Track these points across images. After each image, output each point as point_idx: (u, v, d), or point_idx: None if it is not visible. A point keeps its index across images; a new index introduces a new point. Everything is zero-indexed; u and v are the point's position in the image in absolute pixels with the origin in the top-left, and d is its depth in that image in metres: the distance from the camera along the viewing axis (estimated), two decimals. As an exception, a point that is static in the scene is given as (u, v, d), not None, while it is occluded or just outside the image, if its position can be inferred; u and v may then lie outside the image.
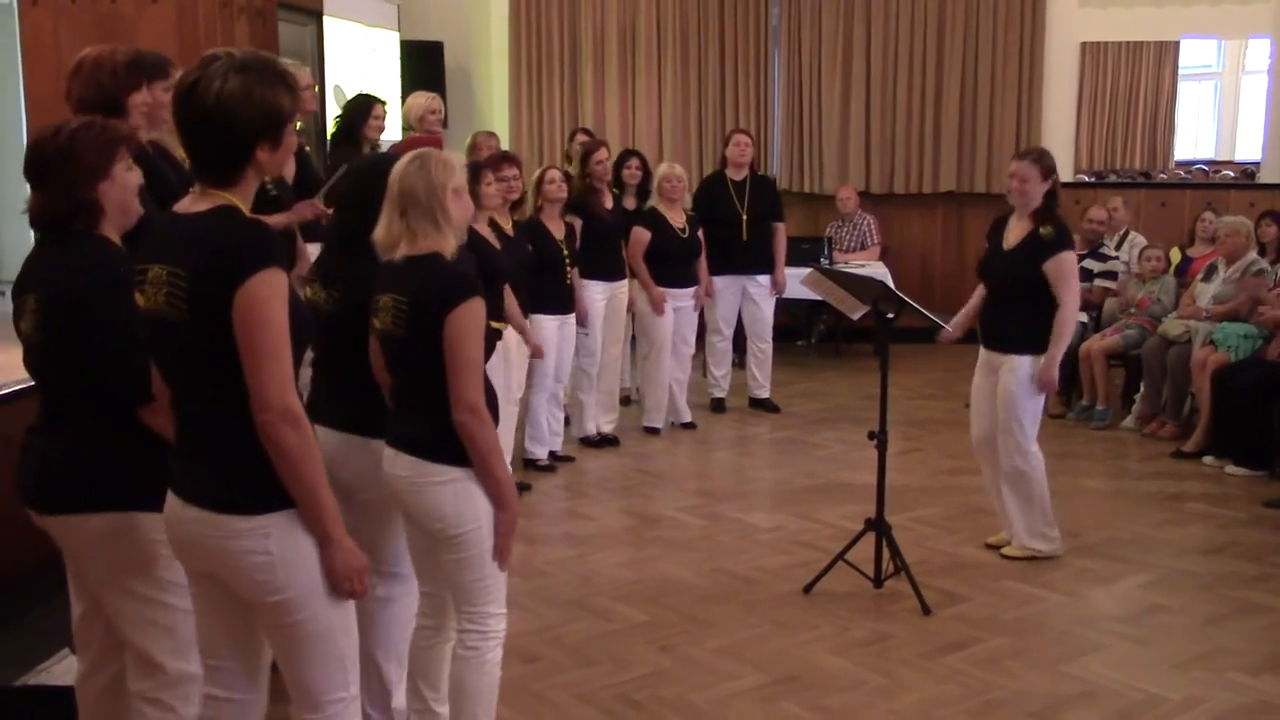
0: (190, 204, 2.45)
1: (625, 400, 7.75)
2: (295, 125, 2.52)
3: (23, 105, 7.09)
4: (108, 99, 3.57)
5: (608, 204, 7.11)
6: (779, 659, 4.22)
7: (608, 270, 6.98)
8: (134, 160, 2.92)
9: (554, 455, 6.70)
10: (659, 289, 7.25)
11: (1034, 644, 4.37)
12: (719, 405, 7.93)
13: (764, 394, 7.97)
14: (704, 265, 7.54)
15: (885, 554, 4.82)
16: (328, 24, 8.53)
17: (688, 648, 4.31)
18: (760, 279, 7.77)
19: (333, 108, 7.83)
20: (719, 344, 7.90)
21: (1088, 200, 8.81)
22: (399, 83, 9.48)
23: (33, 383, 2.97)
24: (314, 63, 8.24)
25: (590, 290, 6.85)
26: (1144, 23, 9.97)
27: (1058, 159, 5.21)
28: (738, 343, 8.12)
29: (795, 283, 6.81)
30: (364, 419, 3.22)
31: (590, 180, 6.97)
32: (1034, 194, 4.99)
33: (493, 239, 5.49)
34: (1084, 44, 10.09)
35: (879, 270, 8.56)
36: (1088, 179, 10.15)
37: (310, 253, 4.82)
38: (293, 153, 2.61)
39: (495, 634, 3.14)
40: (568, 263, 6.46)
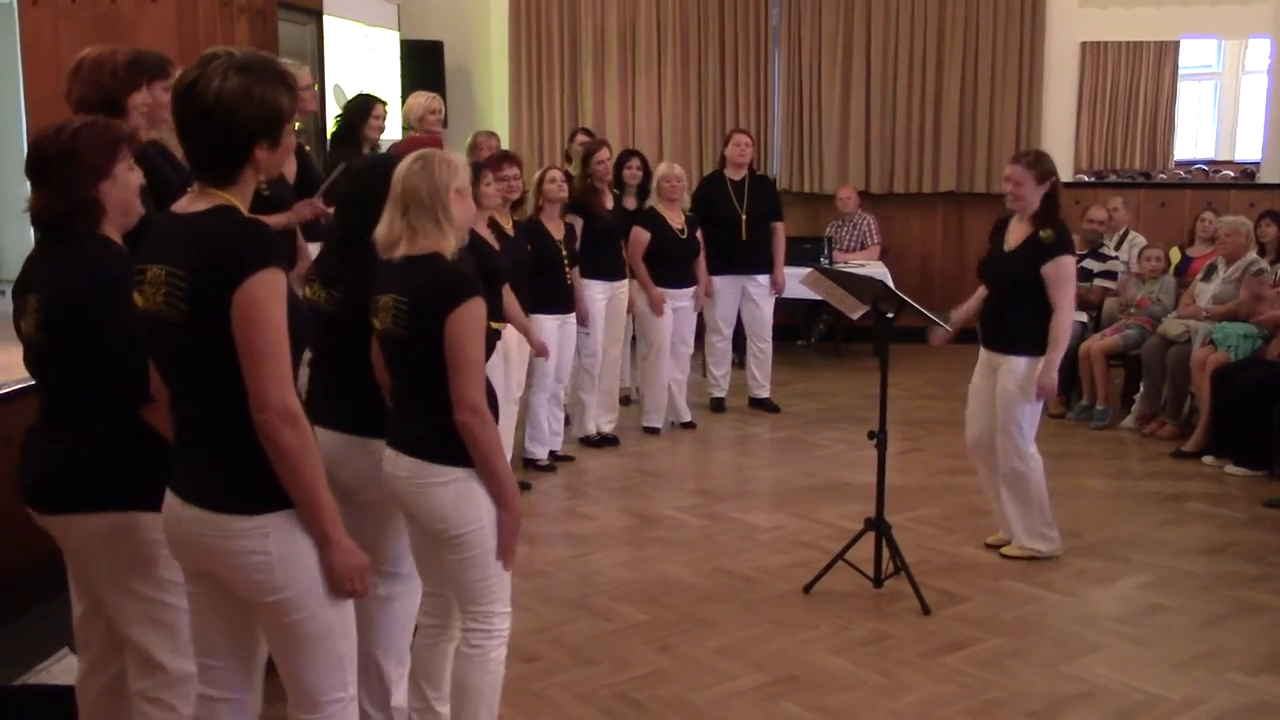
0: (189, 204, 2.45)
1: (625, 400, 7.75)
2: (294, 125, 2.52)
3: (23, 105, 7.09)
4: (108, 99, 3.58)
5: (608, 204, 7.11)
6: (779, 659, 4.23)
7: (608, 270, 6.98)
8: (134, 160, 2.92)
9: (554, 455, 6.70)
10: (658, 289, 7.25)
11: (1033, 644, 4.37)
12: (719, 405, 7.94)
13: (764, 394, 7.97)
14: (703, 265, 7.54)
15: (885, 554, 4.82)
16: (328, 23, 8.53)
17: (687, 647, 4.32)
18: (760, 279, 7.77)
19: (333, 107, 7.83)
20: (718, 344, 7.90)
21: (1087, 200, 8.81)
22: (399, 82, 9.48)
23: (33, 382, 2.97)
24: (314, 62, 8.24)
25: (591, 290, 6.85)
26: (1144, 22, 9.96)
27: (1057, 159, 5.19)
28: (737, 342, 8.12)
29: (795, 282, 6.81)
30: (364, 419, 3.22)
31: (591, 180, 6.97)
32: (1029, 198, 4.98)
33: (492, 239, 5.49)
34: (1084, 44, 10.08)
35: (879, 270, 8.56)
36: (1087, 179, 10.14)
37: (311, 252, 4.82)
38: (291, 152, 2.61)
39: (500, 633, 3.14)
40: (566, 263, 6.46)
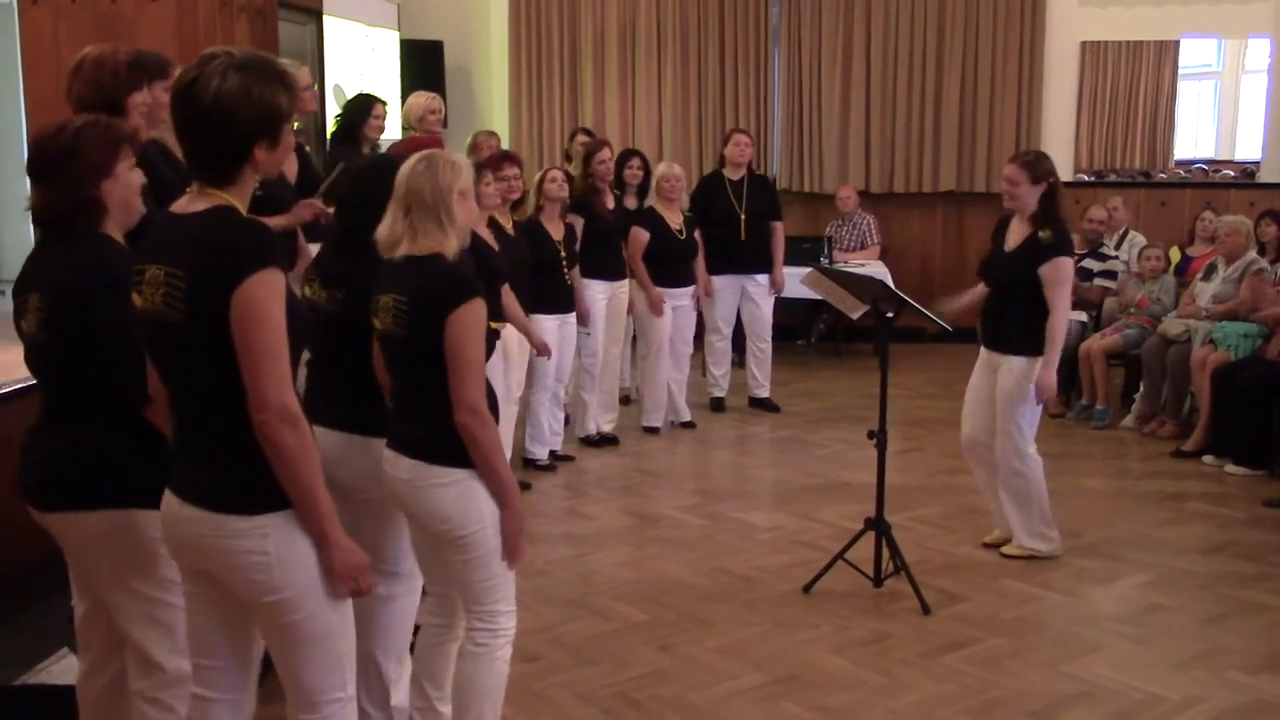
0: (188, 204, 2.45)
1: (625, 400, 7.75)
2: (293, 124, 2.52)
3: (22, 105, 7.09)
4: (108, 98, 3.58)
5: (609, 204, 7.11)
6: (778, 658, 4.23)
7: (609, 270, 6.98)
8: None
9: (554, 455, 6.70)
10: (657, 289, 7.25)
11: (1033, 643, 4.37)
12: (719, 405, 7.94)
13: (764, 393, 7.97)
14: (701, 265, 7.55)
15: (885, 553, 4.82)
16: (327, 23, 8.53)
17: (687, 647, 4.32)
18: (759, 278, 7.77)
19: (332, 107, 7.83)
20: (718, 343, 7.90)
21: (1087, 200, 8.81)
22: (399, 82, 9.48)
23: (33, 382, 2.98)
24: (314, 62, 8.24)
25: (591, 290, 6.85)
26: (1144, 22, 9.97)
27: (1057, 158, 5.18)
28: (737, 342, 8.12)
29: (795, 282, 6.81)
30: (363, 418, 3.22)
31: (592, 180, 6.97)
32: (1025, 198, 4.98)
33: (492, 239, 5.49)
34: (1084, 43, 10.08)
35: (879, 270, 8.56)
36: (1087, 178, 10.14)
37: (311, 252, 4.81)
38: (291, 152, 2.61)
39: (505, 631, 3.14)
40: (565, 264, 6.46)
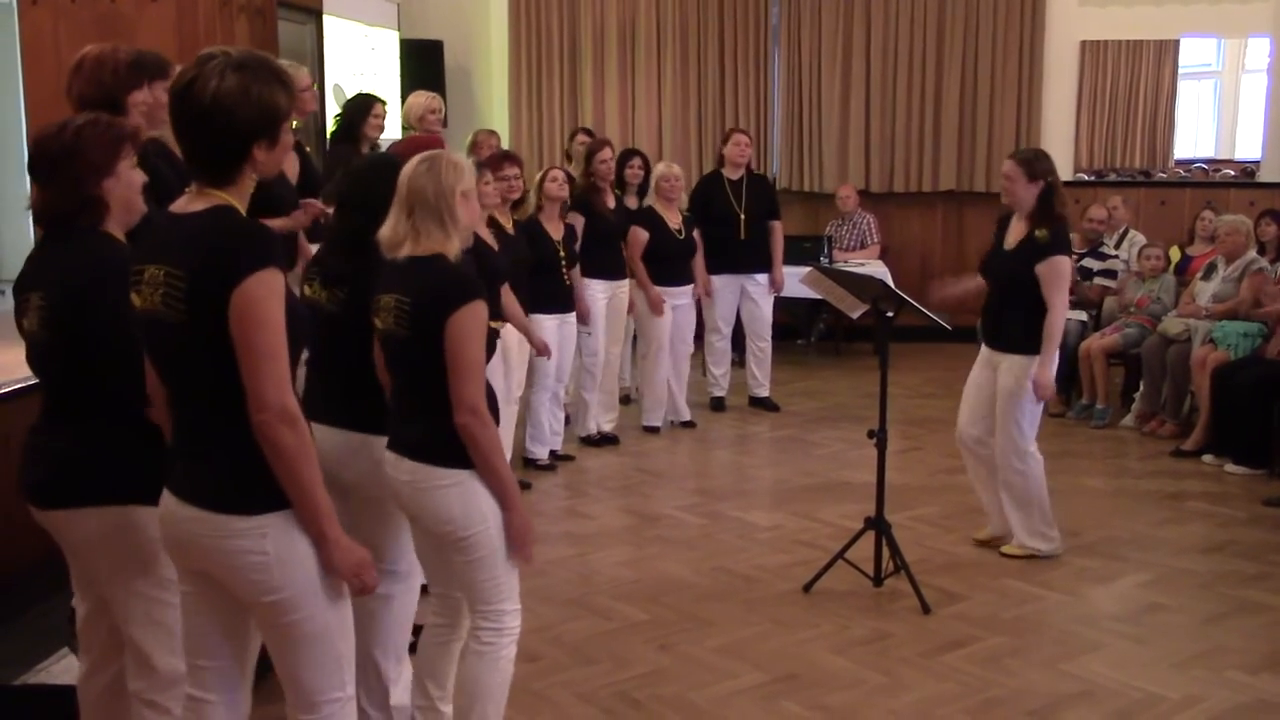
0: (187, 204, 2.45)
1: (625, 399, 7.75)
2: (291, 123, 2.52)
3: (22, 105, 7.09)
4: (109, 96, 3.58)
5: (610, 203, 7.11)
6: (779, 657, 4.23)
7: (609, 269, 6.98)
8: (133, 159, 2.92)
9: (554, 454, 6.70)
10: (656, 289, 7.25)
11: (1033, 643, 4.37)
12: (719, 404, 7.93)
13: (763, 393, 7.97)
14: (700, 264, 7.55)
15: (885, 553, 4.82)
16: (327, 23, 8.52)
17: (687, 646, 4.32)
18: (759, 278, 7.77)
19: (332, 107, 7.82)
20: (718, 343, 7.90)
21: (1087, 199, 8.80)
22: (399, 82, 9.47)
23: (32, 382, 2.97)
24: (314, 62, 8.23)
25: (592, 289, 6.85)
26: (1144, 21, 9.97)
27: (1057, 158, 5.17)
28: (737, 341, 8.13)
29: (795, 281, 6.81)
30: (363, 416, 3.22)
31: (593, 179, 6.97)
32: (1021, 195, 4.98)
33: (491, 239, 5.49)
34: (1084, 42, 10.08)
35: (878, 269, 8.56)
36: (1087, 178, 10.14)
37: (311, 252, 4.80)
38: (289, 151, 2.61)
39: (510, 630, 3.15)
40: (564, 263, 6.45)
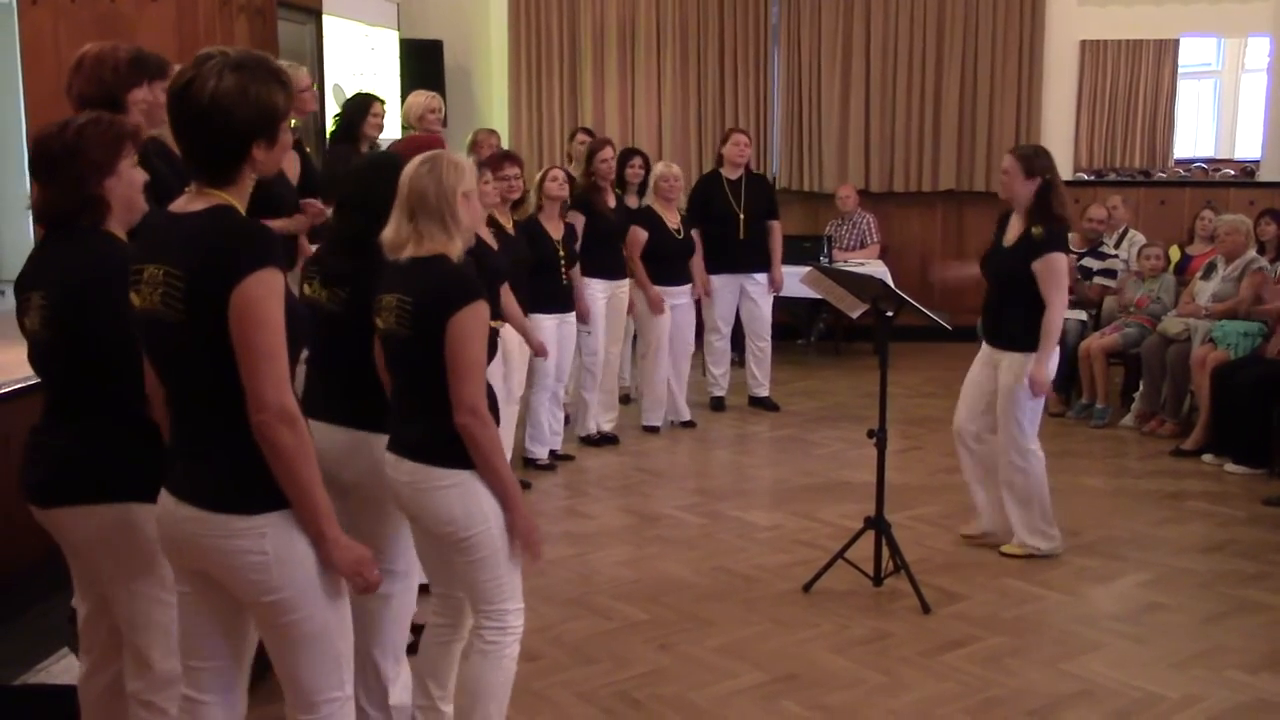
0: (186, 203, 2.44)
1: (625, 399, 7.75)
2: (290, 122, 2.52)
3: (22, 105, 7.09)
4: (109, 95, 3.58)
5: (611, 202, 7.11)
6: (778, 657, 4.23)
7: (610, 269, 6.98)
8: (132, 158, 2.92)
9: (554, 454, 6.70)
10: (655, 289, 7.25)
11: (1033, 642, 4.37)
12: (718, 404, 7.93)
13: (763, 392, 7.97)
14: (700, 264, 7.55)
15: (885, 552, 4.82)
16: (327, 22, 8.52)
17: (687, 646, 4.32)
18: (758, 277, 7.77)
19: (332, 106, 7.82)
20: (717, 343, 7.90)
21: (1087, 199, 8.80)
22: (398, 81, 9.48)
23: (33, 381, 2.97)
24: (313, 61, 8.23)
25: (592, 288, 6.85)
26: (1143, 21, 9.97)
27: (1057, 157, 5.17)
28: (737, 341, 8.12)
29: (795, 281, 6.81)
30: (362, 414, 3.22)
31: (594, 178, 6.97)
32: (1018, 191, 4.98)
33: (491, 238, 5.48)
34: (1083, 42, 10.09)
35: (878, 269, 8.56)
36: (1087, 177, 10.14)
37: (311, 251, 4.80)
38: (288, 150, 2.61)
39: (514, 629, 3.15)
40: (564, 263, 6.45)
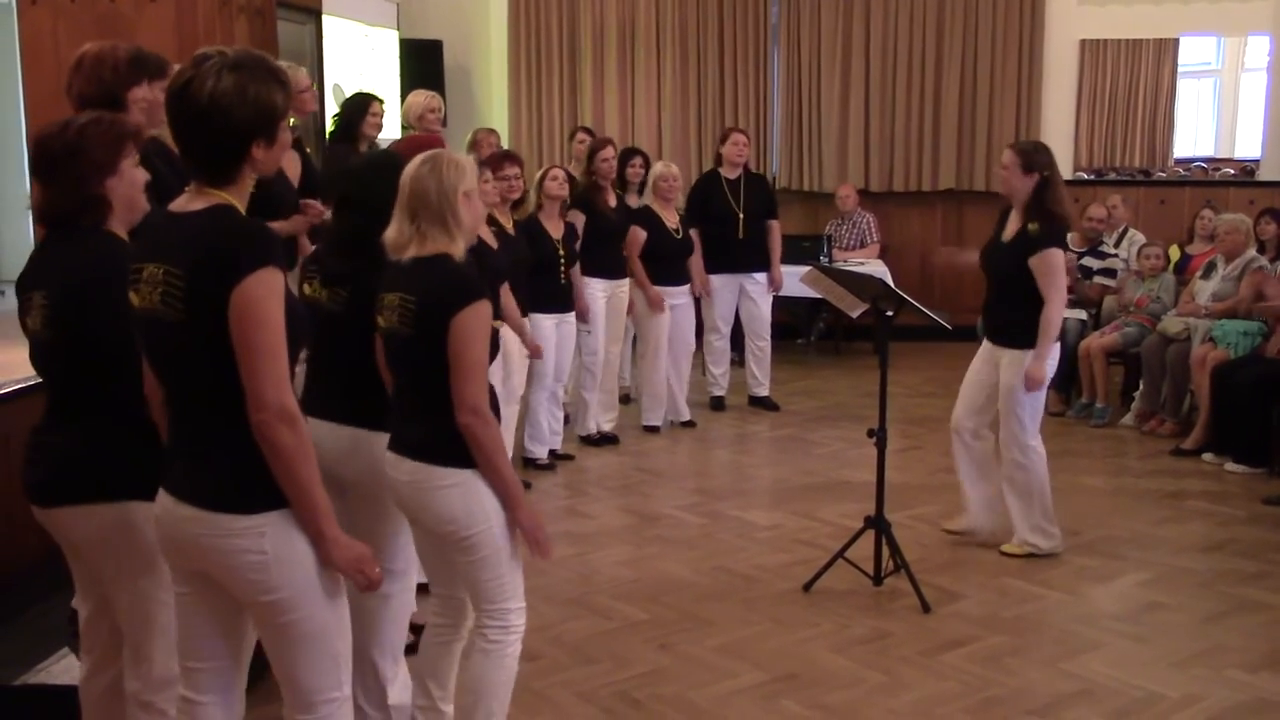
0: (186, 203, 2.44)
1: (625, 399, 7.75)
2: (289, 122, 2.52)
3: (22, 105, 7.09)
4: (109, 94, 3.57)
5: (612, 202, 7.11)
6: (778, 657, 4.23)
7: (610, 268, 6.98)
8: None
9: (554, 454, 6.70)
10: (655, 288, 7.25)
11: (1033, 642, 4.37)
12: (718, 403, 7.93)
13: (763, 392, 7.97)
14: (699, 263, 7.55)
15: (885, 552, 4.82)
16: (327, 22, 8.52)
17: (687, 646, 4.32)
18: (758, 277, 7.77)
19: (331, 106, 7.82)
20: (717, 342, 7.90)
21: (1087, 198, 8.79)
22: (398, 81, 9.47)
23: (34, 381, 2.97)
24: (313, 61, 8.23)
25: (591, 288, 6.85)
26: (1143, 20, 9.97)
27: (1057, 156, 5.17)
28: (736, 341, 8.12)
29: (795, 280, 6.80)
30: (362, 412, 3.22)
31: (595, 178, 6.97)
32: (1016, 186, 4.98)
33: (491, 238, 5.48)
34: (1083, 41, 10.09)
35: (878, 268, 8.56)
36: (1087, 176, 10.15)
37: (310, 250, 4.81)
38: (287, 149, 2.61)
39: (516, 628, 3.15)
40: (563, 263, 6.45)
